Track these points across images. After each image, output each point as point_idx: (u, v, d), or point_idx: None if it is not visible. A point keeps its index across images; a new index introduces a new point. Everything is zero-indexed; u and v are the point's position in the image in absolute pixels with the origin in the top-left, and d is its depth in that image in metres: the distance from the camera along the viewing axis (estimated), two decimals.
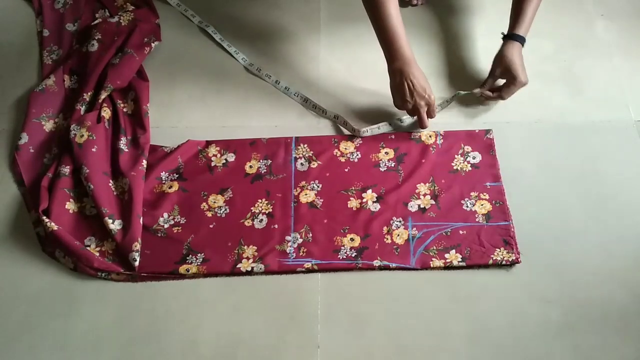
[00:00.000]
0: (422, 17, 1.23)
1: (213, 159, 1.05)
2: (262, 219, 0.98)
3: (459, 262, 0.92)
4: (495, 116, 1.09)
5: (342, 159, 1.04)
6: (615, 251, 0.93)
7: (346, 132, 1.07)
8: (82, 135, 1.02)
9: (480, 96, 1.08)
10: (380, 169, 1.03)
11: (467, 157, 1.03)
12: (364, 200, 0.99)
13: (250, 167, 1.04)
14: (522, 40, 1.04)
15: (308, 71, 1.16)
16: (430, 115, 1.02)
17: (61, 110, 1.10)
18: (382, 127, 1.06)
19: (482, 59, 1.16)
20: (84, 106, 1.07)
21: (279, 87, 1.14)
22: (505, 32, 1.06)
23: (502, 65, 1.04)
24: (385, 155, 1.04)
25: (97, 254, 0.93)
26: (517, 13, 1.05)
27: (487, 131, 1.06)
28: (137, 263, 0.92)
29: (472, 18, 1.24)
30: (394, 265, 0.92)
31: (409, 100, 0.99)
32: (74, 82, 1.14)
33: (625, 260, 0.92)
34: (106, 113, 1.06)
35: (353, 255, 0.93)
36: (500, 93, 1.05)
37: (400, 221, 0.96)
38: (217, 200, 1.00)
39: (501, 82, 1.07)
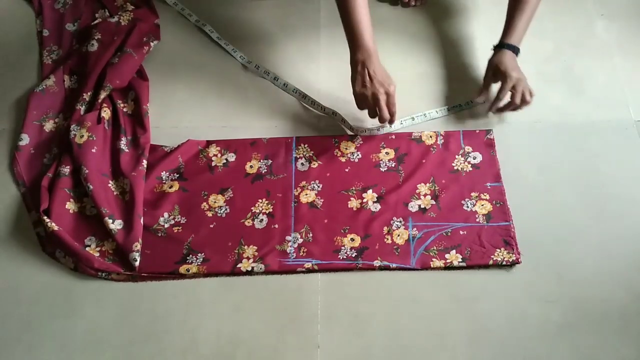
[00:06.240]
0: (418, 19, 1.23)
1: (213, 158, 1.05)
2: (262, 219, 0.97)
3: (459, 262, 0.92)
4: (496, 116, 1.08)
5: (343, 159, 1.04)
6: (615, 251, 0.93)
7: (346, 131, 1.07)
8: (82, 136, 1.02)
9: (488, 105, 1.06)
10: (381, 169, 1.03)
11: (467, 157, 1.03)
12: (365, 200, 0.99)
13: (251, 167, 1.04)
14: (512, 48, 1.04)
15: (308, 71, 1.16)
16: (390, 107, 0.98)
17: (61, 110, 1.10)
18: (381, 129, 1.06)
19: (481, 61, 1.15)
20: (83, 106, 1.07)
21: (278, 83, 1.14)
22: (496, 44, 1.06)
23: (491, 67, 1.04)
24: (386, 156, 1.04)
25: (98, 254, 0.93)
26: (507, 23, 1.06)
27: (488, 131, 1.06)
28: (137, 263, 0.92)
29: (470, 19, 1.24)
30: (394, 265, 0.92)
31: (368, 86, 0.96)
32: (73, 82, 1.14)
33: (625, 260, 0.93)
34: (106, 114, 1.06)
35: (353, 256, 0.93)
36: (498, 95, 1.04)
37: (400, 221, 0.96)
38: (217, 200, 1.00)
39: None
